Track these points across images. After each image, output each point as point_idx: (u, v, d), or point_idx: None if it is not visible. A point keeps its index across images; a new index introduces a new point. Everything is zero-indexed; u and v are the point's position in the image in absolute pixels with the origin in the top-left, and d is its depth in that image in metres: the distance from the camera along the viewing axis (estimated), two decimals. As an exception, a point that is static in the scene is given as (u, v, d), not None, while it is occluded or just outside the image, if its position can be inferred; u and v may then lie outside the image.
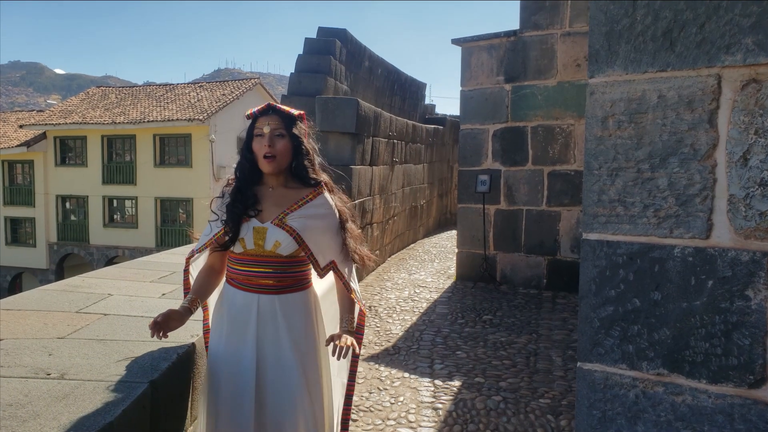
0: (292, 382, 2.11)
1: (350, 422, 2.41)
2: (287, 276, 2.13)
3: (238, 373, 2.11)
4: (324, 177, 2.23)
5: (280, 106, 2.18)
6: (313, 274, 2.28)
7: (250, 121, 2.17)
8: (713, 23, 1.38)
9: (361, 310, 2.28)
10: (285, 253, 2.10)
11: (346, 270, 2.20)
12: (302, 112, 2.22)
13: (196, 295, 2.15)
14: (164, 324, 1.97)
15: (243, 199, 2.12)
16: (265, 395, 2.11)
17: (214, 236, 2.13)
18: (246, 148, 2.16)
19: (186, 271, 2.31)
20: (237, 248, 2.13)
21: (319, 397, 2.20)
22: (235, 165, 2.22)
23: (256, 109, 2.17)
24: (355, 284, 2.23)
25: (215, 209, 2.17)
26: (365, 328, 5.77)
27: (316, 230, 2.12)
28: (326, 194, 2.19)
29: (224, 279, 2.24)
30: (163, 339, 2.00)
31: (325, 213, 2.16)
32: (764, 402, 1.36)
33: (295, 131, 2.14)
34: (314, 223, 2.12)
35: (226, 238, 2.10)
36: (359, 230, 2.36)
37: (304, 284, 2.20)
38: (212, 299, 2.32)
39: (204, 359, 2.54)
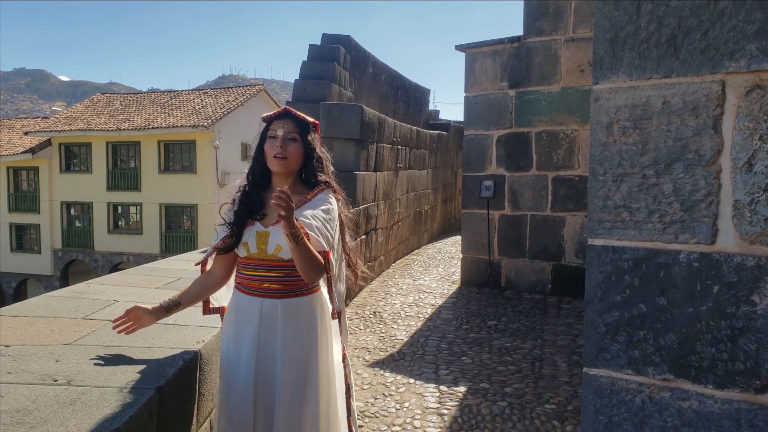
0: (277, 386, 2.12)
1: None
2: (291, 280, 2.14)
3: (241, 377, 2.13)
4: (330, 180, 2.25)
5: (296, 111, 2.20)
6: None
7: (265, 124, 2.20)
8: (717, 30, 1.39)
9: (332, 312, 2.27)
10: (287, 257, 2.10)
11: (335, 268, 2.16)
12: (317, 122, 2.25)
13: (181, 298, 2.26)
14: (134, 317, 2.22)
15: (249, 202, 2.15)
16: (260, 399, 2.13)
17: (220, 240, 2.16)
18: (258, 150, 2.18)
19: (203, 272, 2.34)
20: (241, 252, 2.16)
21: (314, 402, 2.18)
22: (247, 170, 2.24)
23: (272, 112, 2.20)
24: (339, 287, 2.24)
25: (224, 214, 2.20)
26: (371, 333, 5.77)
27: (313, 220, 2.10)
28: (327, 193, 2.20)
29: (234, 284, 2.26)
30: (126, 334, 2.23)
31: (324, 206, 2.16)
32: (771, 407, 1.36)
33: (309, 138, 2.16)
34: (312, 217, 2.10)
35: (231, 240, 2.13)
36: (354, 242, 2.38)
37: (309, 289, 2.19)
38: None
39: (210, 365, 2.55)
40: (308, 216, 2.08)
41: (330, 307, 2.28)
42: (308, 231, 2.04)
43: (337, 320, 2.30)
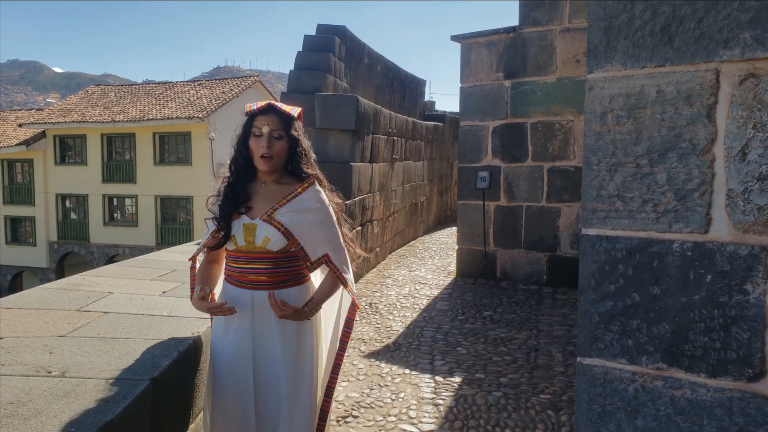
0: (278, 376, 2.13)
1: (329, 414, 2.36)
2: (281, 271, 2.13)
3: (237, 370, 2.13)
4: (317, 172, 2.23)
5: (279, 105, 2.15)
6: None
7: (247, 116, 2.16)
8: (711, 18, 1.38)
9: (353, 303, 2.30)
10: (275, 249, 2.09)
11: (341, 262, 2.19)
12: (300, 109, 2.21)
13: (204, 284, 2.17)
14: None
15: (234, 196, 2.12)
16: (260, 389, 2.13)
17: (209, 236, 2.15)
18: (242, 144, 2.14)
19: (193, 268, 2.31)
20: (230, 245, 2.14)
21: (309, 392, 2.19)
22: (229, 160, 2.21)
23: (255, 106, 2.14)
24: (350, 276, 2.23)
25: (211, 207, 2.17)
26: (366, 324, 5.78)
27: (305, 223, 2.11)
28: (316, 187, 2.18)
29: (224, 276, 2.25)
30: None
31: (315, 205, 2.15)
32: (763, 395, 1.37)
33: (293, 132, 2.13)
34: (303, 216, 2.11)
35: (220, 235, 2.11)
36: (351, 232, 2.37)
37: (299, 279, 2.19)
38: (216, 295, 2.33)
39: (206, 356, 2.54)
40: (307, 225, 2.13)
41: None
42: (304, 248, 2.12)
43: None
